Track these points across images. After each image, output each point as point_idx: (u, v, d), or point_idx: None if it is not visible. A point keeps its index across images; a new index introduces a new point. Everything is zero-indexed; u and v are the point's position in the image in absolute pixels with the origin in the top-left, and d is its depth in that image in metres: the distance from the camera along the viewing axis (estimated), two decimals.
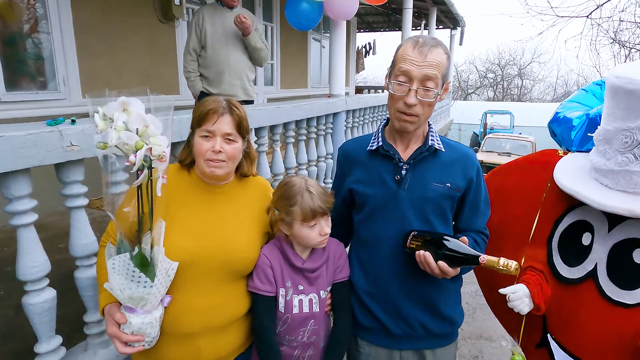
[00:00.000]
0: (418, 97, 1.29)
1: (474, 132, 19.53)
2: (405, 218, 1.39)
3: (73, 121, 1.40)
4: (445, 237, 1.29)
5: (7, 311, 1.95)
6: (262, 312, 1.38)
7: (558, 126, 1.63)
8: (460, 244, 1.28)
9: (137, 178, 1.05)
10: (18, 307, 1.33)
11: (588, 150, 1.49)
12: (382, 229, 1.43)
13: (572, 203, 1.42)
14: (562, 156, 1.53)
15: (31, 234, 1.30)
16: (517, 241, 1.62)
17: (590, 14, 7.26)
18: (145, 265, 1.09)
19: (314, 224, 1.36)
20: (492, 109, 20.76)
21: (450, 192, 1.39)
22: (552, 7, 7.35)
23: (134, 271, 1.07)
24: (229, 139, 1.28)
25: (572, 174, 1.40)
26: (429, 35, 1.35)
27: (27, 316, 1.34)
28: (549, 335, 1.49)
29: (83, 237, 1.46)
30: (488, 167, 12.26)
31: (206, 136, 1.27)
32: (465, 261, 1.25)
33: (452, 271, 1.27)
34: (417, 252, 1.31)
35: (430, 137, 1.41)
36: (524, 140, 13.78)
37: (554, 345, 1.47)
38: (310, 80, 9.01)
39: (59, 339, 1.41)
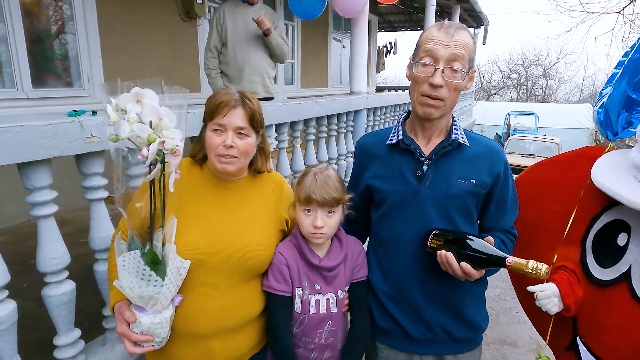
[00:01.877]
0: (444, 78, 1.22)
1: (496, 134, 19.17)
2: (426, 216, 1.32)
3: (94, 112, 1.39)
4: (469, 237, 1.22)
5: (30, 303, 1.97)
6: (277, 312, 1.33)
7: (599, 127, 1.57)
8: (485, 244, 1.20)
9: (150, 172, 1.01)
10: (40, 299, 1.33)
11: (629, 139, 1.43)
12: (402, 227, 1.36)
13: (610, 201, 1.35)
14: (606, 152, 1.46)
15: (51, 225, 1.30)
16: (552, 239, 1.56)
17: (623, 9, 7.01)
18: (156, 263, 1.05)
19: (309, 210, 1.31)
20: (516, 109, 20.35)
21: (475, 189, 1.32)
22: (581, 3, 7.12)
23: (144, 269, 1.04)
24: (241, 133, 1.23)
25: (609, 171, 1.33)
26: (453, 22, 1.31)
27: (46, 308, 1.34)
28: (578, 338, 1.44)
29: (103, 230, 1.45)
30: (512, 169, 12.00)
31: (217, 130, 1.22)
32: (490, 263, 1.18)
33: (476, 273, 1.20)
34: (438, 252, 1.24)
35: (453, 131, 1.34)
36: (549, 141, 13.45)
37: (582, 348, 1.42)
38: (330, 79, 8.97)
39: (77, 332, 1.41)
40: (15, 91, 3.41)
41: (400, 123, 1.41)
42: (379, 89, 11.69)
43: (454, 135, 1.32)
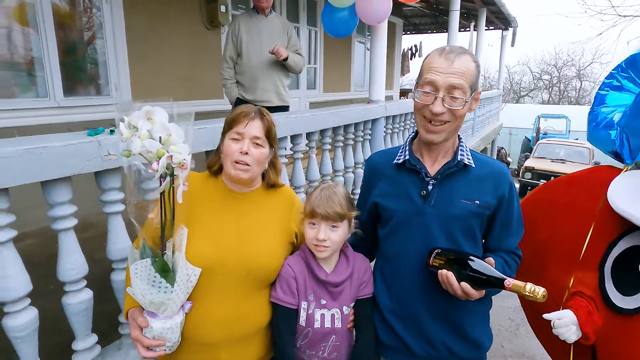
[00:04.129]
0: (445, 105, 1.25)
1: (525, 137, 18.66)
2: (430, 235, 1.34)
3: (112, 131, 1.47)
4: (470, 257, 1.24)
5: (55, 305, 2.06)
6: (282, 324, 1.37)
7: (599, 145, 1.52)
8: (486, 265, 1.22)
9: (160, 185, 1.09)
10: None
11: None
12: (406, 245, 1.38)
13: (629, 226, 1.32)
14: (619, 172, 1.43)
15: (70, 238, 1.38)
16: (565, 261, 1.53)
17: None
18: (166, 271, 1.12)
19: (314, 223, 1.35)
20: (547, 112, 19.76)
21: (479, 210, 1.33)
22: (612, 6, 6.87)
23: (155, 277, 1.10)
24: (257, 143, 1.32)
25: (628, 195, 1.31)
26: (456, 46, 1.31)
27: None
28: None
29: (119, 241, 1.53)
30: (540, 174, 11.66)
31: (236, 139, 1.31)
32: (489, 284, 1.20)
33: (475, 293, 1.22)
34: (439, 271, 1.26)
35: (459, 152, 1.35)
36: (580, 146, 12.97)
37: None
38: (353, 83, 8.96)
39: (94, 338, 1.49)
40: (48, 100, 3.57)
41: (407, 143, 1.44)
42: (404, 92, 11.59)
43: (459, 157, 1.34)
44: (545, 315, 1.36)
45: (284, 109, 3.62)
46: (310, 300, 1.37)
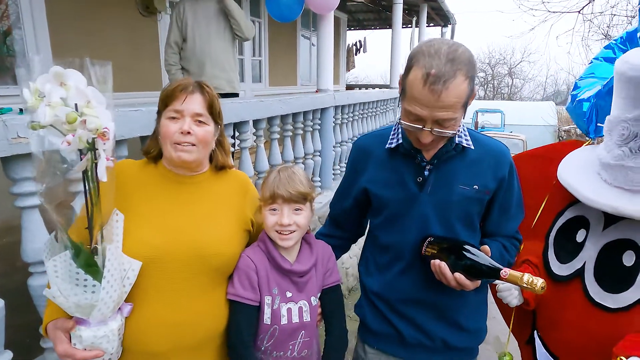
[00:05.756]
0: (434, 133, 1.12)
1: None
2: (426, 224, 1.26)
3: (22, 111, 1.25)
4: (464, 246, 1.16)
5: None
6: (243, 325, 1.22)
7: (574, 117, 1.53)
8: (481, 254, 1.14)
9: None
10: None
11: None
12: (402, 234, 1.30)
13: (575, 197, 1.33)
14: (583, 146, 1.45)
15: None
16: (525, 233, 1.54)
17: (582, 9, 7.25)
18: (91, 265, 0.94)
19: (275, 209, 1.23)
20: (483, 107, 20.82)
21: (478, 195, 1.25)
22: (543, 2, 7.32)
23: (77, 273, 0.92)
24: (200, 121, 1.16)
25: (576, 167, 1.33)
26: (445, 44, 1.08)
27: None
28: (535, 332, 1.45)
29: (36, 240, 1.33)
30: None
31: (174, 117, 1.14)
32: (484, 274, 1.13)
33: (470, 284, 1.15)
34: (432, 261, 1.18)
35: (457, 134, 1.21)
36: (515, 138, 13.82)
37: (538, 342, 1.44)
38: (299, 77, 8.87)
39: (8, 355, 1.27)
40: None
41: (398, 125, 1.29)
42: (350, 87, 11.67)
43: (457, 139, 1.23)
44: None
45: (234, 97, 3.46)
46: (274, 294, 1.24)
